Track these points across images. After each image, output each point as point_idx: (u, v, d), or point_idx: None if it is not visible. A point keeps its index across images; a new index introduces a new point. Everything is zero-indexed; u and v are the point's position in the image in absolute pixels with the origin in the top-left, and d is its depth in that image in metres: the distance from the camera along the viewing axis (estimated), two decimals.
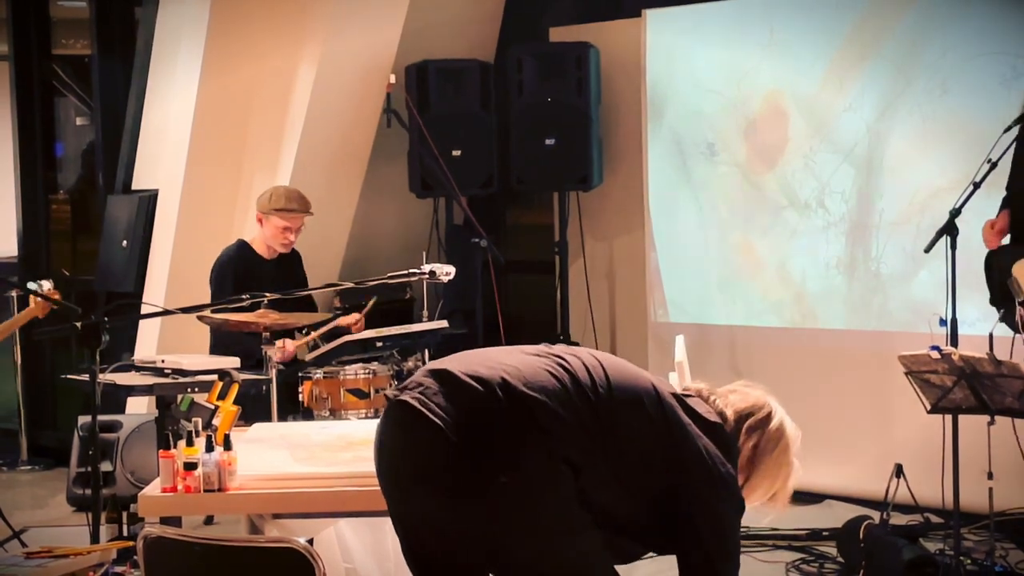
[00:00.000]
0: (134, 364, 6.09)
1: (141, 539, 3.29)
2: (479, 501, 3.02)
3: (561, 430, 3.06)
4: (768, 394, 3.49)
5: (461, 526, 3.06)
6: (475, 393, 3.05)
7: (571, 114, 7.91)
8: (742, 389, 3.44)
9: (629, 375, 3.23)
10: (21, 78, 9.15)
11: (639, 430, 3.15)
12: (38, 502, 7.89)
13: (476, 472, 3.01)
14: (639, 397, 3.18)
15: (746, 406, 3.40)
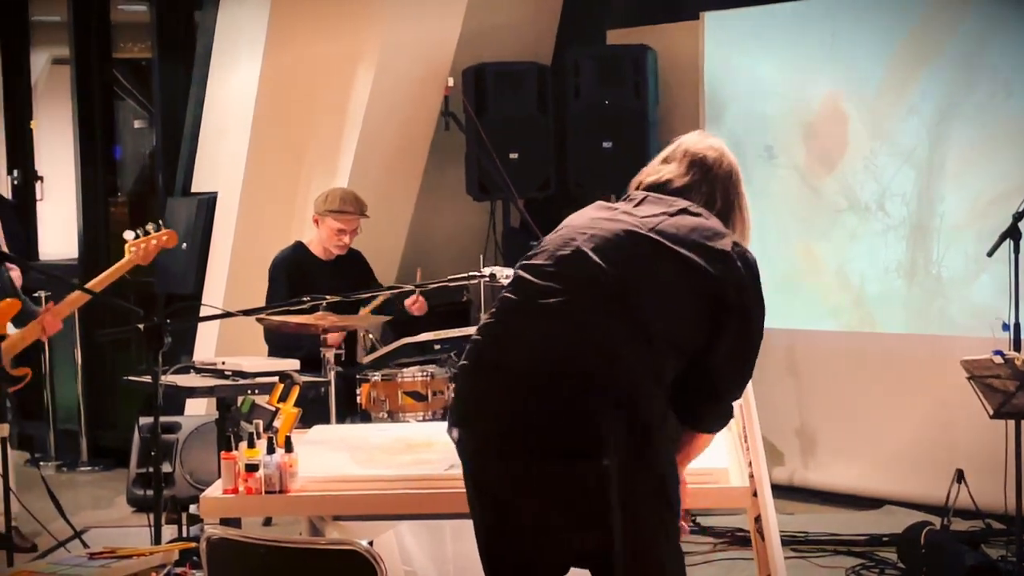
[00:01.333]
0: (194, 366, 6.12)
1: (204, 540, 3.31)
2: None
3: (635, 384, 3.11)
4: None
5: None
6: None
7: (629, 117, 7.89)
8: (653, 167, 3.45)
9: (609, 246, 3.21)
10: (82, 81, 9.22)
11: (654, 278, 3.18)
12: (98, 503, 7.95)
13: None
14: (631, 254, 3.19)
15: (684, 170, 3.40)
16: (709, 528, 6.56)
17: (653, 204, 3.31)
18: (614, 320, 3.13)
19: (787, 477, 7.50)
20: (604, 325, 3.13)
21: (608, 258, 3.18)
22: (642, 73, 7.88)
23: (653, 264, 3.19)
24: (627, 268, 3.18)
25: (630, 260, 3.18)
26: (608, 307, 3.14)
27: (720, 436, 4.15)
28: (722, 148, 3.47)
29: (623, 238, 3.21)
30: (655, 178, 3.39)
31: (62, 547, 5.74)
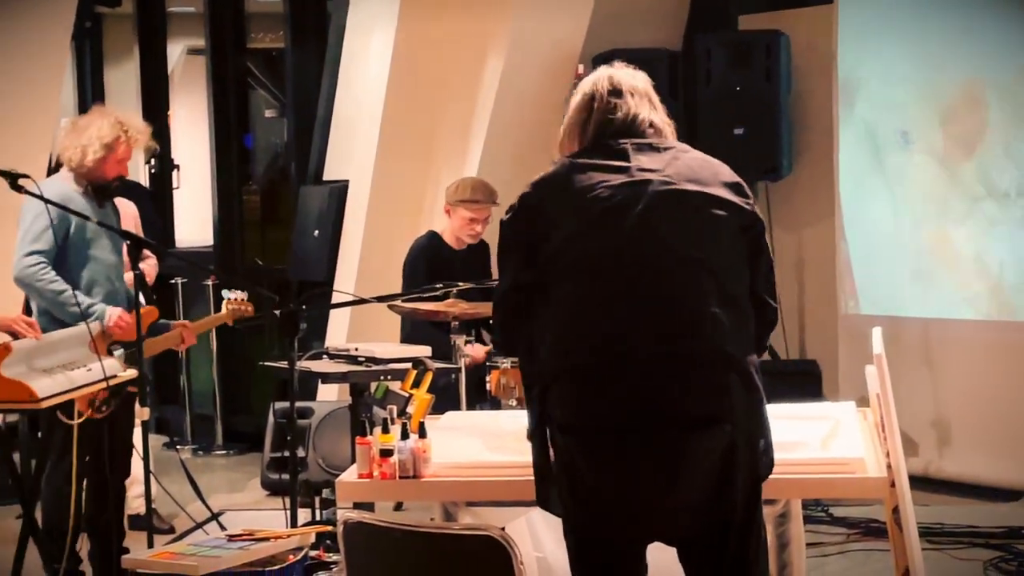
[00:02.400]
0: (328, 352, 6.18)
1: (341, 524, 3.34)
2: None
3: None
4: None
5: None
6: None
7: (760, 103, 7.81)
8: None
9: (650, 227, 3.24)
10: (217, 71, 9.35)
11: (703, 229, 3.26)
12: (233, 485, 8.08)
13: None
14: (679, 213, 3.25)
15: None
16: (842, 519, 6.49)
17: (647, 154, 3.36)
18: (696, 283, 3.20)
19: (922, 468, 7.39)
20: (693, 290, 3.20)
21: (662, 223, 3.24)
22: (774, 58, 7.80)
23: (699, 215, 3.26)
24: (683, 228, 3.24)
25: (683, 220, 3.25)
26: (685, 272, 3.21)
27: (856, 425, 4.11)
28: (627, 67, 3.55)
29: (659, 198, 3.26)
30: (621, 123, 3.41)
31: (200, 529, 5.85)
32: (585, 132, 3.44)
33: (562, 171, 3.37)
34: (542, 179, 3.39)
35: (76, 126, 5.58)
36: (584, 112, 3.45)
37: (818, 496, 5.64)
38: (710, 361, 3.17)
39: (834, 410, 4.39)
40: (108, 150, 5.50)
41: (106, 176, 5.55)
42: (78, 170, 5.52)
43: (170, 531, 6.74)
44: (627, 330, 3.18)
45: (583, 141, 3.44)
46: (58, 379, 4.68)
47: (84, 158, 5.48)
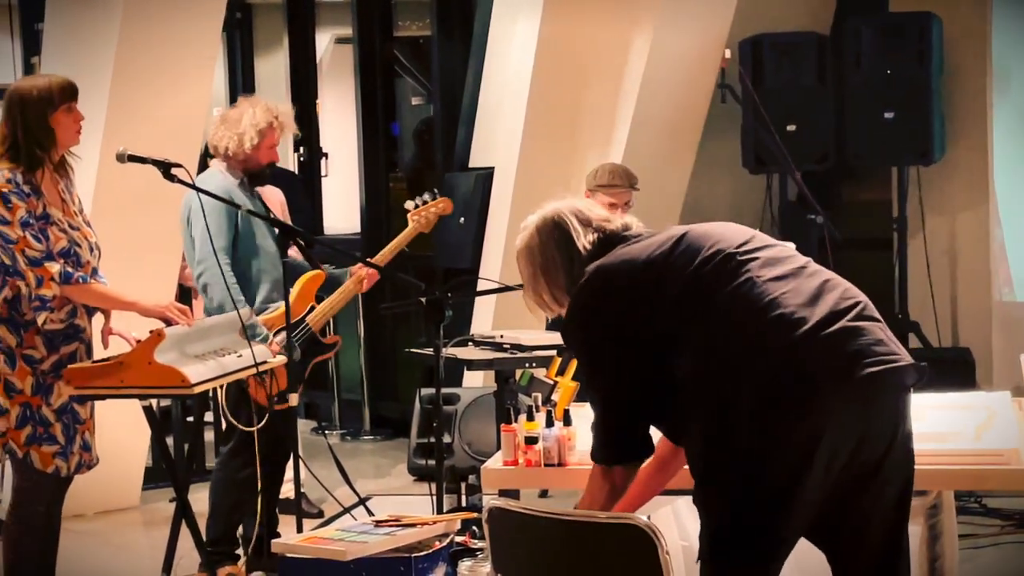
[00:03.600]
0: (473, 339, 6.21)
1: (487, 511, 3.35)
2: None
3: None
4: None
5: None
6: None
7: (912, 86, 7.68)
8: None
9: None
10: (364, 60, 9.44)
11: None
12: (380, 471, 8.16)
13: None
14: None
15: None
16: (996, 510, 6.35)
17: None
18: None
19: None
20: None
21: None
22: (926, 41, 7.66)
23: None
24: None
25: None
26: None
27: (1011, 415, 4.02)
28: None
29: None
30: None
31: (347, 513, 5.91)
32: (576, 252, 3.45)
33: (612, 259, 3.38)
34: (599, 268, 3.37)
35: (227, 117, 5.66)
36: (562, 247, 3.48)
37: (971, 488, 5.52)
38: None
39: (988, 400, 4.31)
40: (262, 136, 5.58)
41: (260, 162, 5.63)
42: (234, 158, 5.60)
43: (318, 515, 6.82)
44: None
45: (583, 252, 3.44)
46: (209, 365, 4.76)
47: (241, 145, 5.56)
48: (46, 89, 4.65)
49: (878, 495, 3.20)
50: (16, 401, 4.60)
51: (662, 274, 3.27)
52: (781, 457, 3.09)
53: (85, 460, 4.73)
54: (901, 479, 3.24)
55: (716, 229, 3.34)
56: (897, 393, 3.19)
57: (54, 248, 4.61)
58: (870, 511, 3.21)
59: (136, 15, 6.67)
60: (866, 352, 3.12)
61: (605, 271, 3.35)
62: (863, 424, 3.13)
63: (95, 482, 5.03)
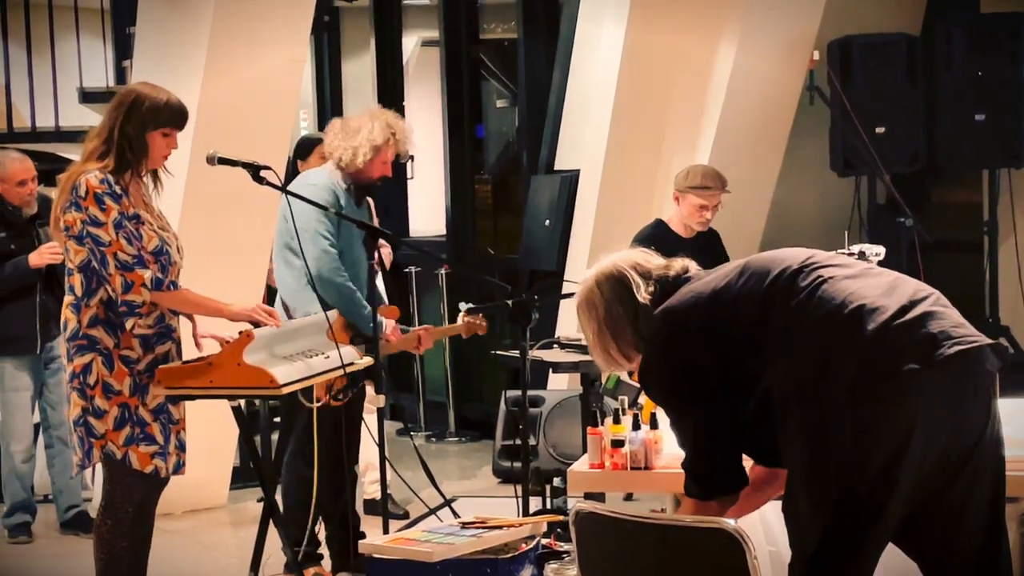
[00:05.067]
0: (559, 341, 6.21)
1: (574, 514, 3.35)
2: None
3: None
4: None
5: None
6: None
7: (1004, 88, 7.57)
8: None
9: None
10: (451, 62, 9.47)
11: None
12: (465, 472, 8.18)
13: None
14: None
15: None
16: None
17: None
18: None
19: None
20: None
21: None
22: (1018, 42, 7.56)
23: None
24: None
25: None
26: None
27: None
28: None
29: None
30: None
31: (433, 514, 5.93)
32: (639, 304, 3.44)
33: (678, 298, 3.39)
34: (668, 310, 3.38)
35: (347, 127, 5.67)
36: (625, 301, 3.46)
37: None
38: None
39: None
40: (376, 152, 5.59)
41: (372, 176, 5.65)
42: (347, 170, 5.63)
43: (404, 516, 6.86)
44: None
45: (646, 303, 3.42)
46: (297, 366, 4.79)
47: (355, 159, 5.59)
48: (158, 104, 4.67)
49: (969, 490, 3.18)
50: (114, 402, 4.62)
51: (734, 301, 3.30)
52: (879, 446, 3.08)
53: (182, 460, 4.77)
54: (992, 474, 3.21)
55: (777, 253, 3.39)
56: (983, 374, 3.19)
57: (147, 247, 4.63)
58: (961, 508, 3.18)
59: (226, 18, 6.74)
60: (949, 333, 3.13)
61: (675, 311, 3.37)
62: (955, 407, 3.12)
63: (184, 482, 5.08)
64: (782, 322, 3.22)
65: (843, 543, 3.15)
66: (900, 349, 3.10)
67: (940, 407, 3.10)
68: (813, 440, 3.16)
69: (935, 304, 3.21)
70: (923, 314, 3.15)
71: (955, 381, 3.12)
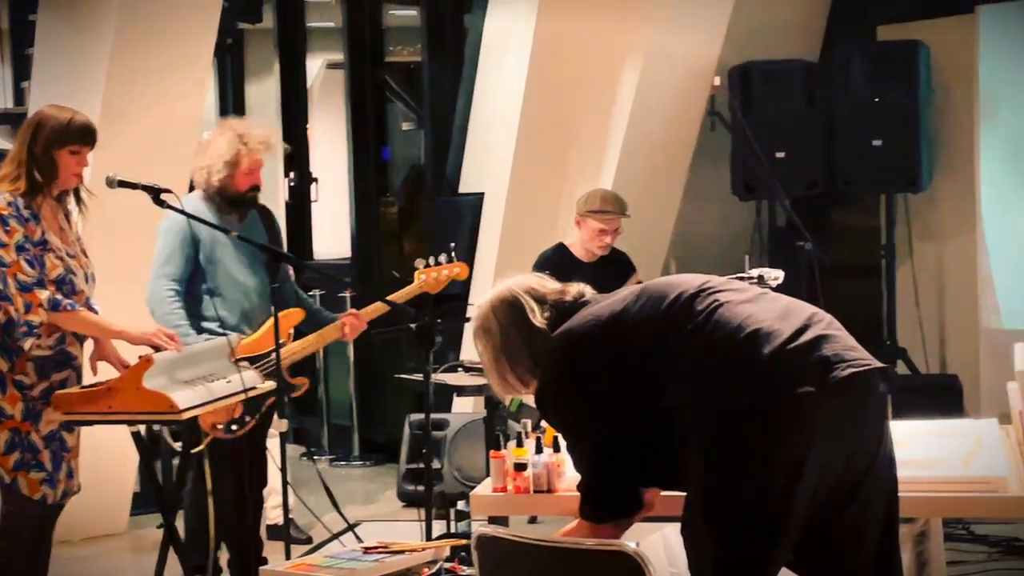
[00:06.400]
0: (463, 364, 6.21)
1: (476, 538, 3.36)
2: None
3: None
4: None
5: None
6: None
7: (900, 114, 7.71)
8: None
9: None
10: (355, 85, 9.46)
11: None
12: (369, 496, 8.15)
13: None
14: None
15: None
16: (983, 537, 6.35)
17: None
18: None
19: None
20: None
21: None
22: (914, 69, 7.70)
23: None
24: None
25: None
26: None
27: (998, 442, 4.04)
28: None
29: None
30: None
31: (336, 539, 5.90)
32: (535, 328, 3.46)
33: (576, 321, 3.42)
34: (566, 332, 3.41)
35: (201, 147, 5.63)
36: (520, 326, 3.48)
37: (958, 515, 5.53)
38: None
39: (976, 427, 4.31)
40: (231, 167, 5.52)
41: (238, 190, 5.57)
42: (208, 191, 5.58)
43: (307, 541, 6.81)
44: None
45: (541, 328, 3.45)
46: (198, 391, 4.75)
47: (210, 178, 5.53)
48: (62, 123, 4.68)
49: (863, 511, 3.23)
50: (5, 426, 4.60)
51: (631, 325, 3.32)
52: (776, 469, 3.12)
53: (70, 488, 4.73)
54: (886, 495, 3.27)
55: (674, 279, 3.43)
56: (876, 397, 3.24)
57: (49, 275, 4.62)
58: (856, 528, 3.23)
59: (126, 40, 6.68)
60: (842, 356, 3.18)
61: (571, 335, 3.39)
62: (849, 429, 3.17)
63: (83, 508, 5.02)
64: (679, 346, 3.25)
65: (741, 566, 3.18)
66: (795, 372, 3.14)
67: (835, 429, 3.15)
68: (710, 464, 3.19)
69: (828, 328, 3.25)
70: (817, 337, 3.20)
71: (849, 403, 3.17)
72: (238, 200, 5.58)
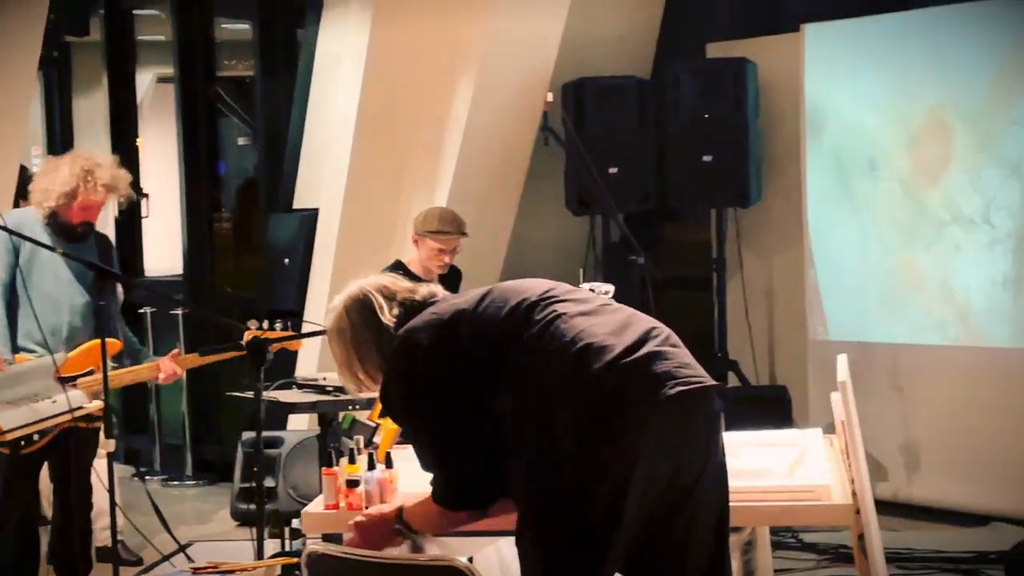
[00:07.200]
0: (296, 381, 6.16)
1: (305, 556, 3.33)
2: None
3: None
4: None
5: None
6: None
7: (729, 130, 7.84)
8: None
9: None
10: (186, 99, 9.34)
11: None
12: (202, 516, 8.04)
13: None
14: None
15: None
16: (812, 545, 6.49)
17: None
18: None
19: (891, 493, 7.41)
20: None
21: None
22: (742, 86, 7.84)
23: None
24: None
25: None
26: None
27: (823, 451, 4.13)
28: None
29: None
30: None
31: (167, 561, 5.81)
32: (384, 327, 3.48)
33: (418, 321, 3.42)
34: (407, 331, 3.42)
35: (47, 167, 5.51)
36: (371, 323, 3.50)
37: (783, 523, 5.64)
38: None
39: (801, 437, 4.40)
40: (68, 198, 5.40)
41: (70, 220, 5.45)
42: (42, 210, 5.46)
43: (138, 563, 6.70)
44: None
45: (391, 326, 3.47)
46: (22, 411, 4.66)
47: (45, 200, 5.42)
48: None
49: (692, 523, 3.27)
50: None
51: (471, 326, 3.34)
52: (601, 484, 3.14)
53: None
54: (715, 507, 3.32)
55: (521, 283, 3.45)
56: (705, 413, 3.28)
57: None
58: (686, 539, 3.27)
59: None
60: (672, 373, 3.21)
61: (414, 332, 3.40)
62: (676, 445, 3.20)
63: None
64: (514, 354, 3.27)
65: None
66: (624, 388, 3.17)
67: (662, 445, 3.18)
68: (538, 477, 3.20)
69: (664, 344, 3.29)
70: (649, 354, 3.23)
71: (676, 420, 3.20)
72: (68, 229, 5.46)
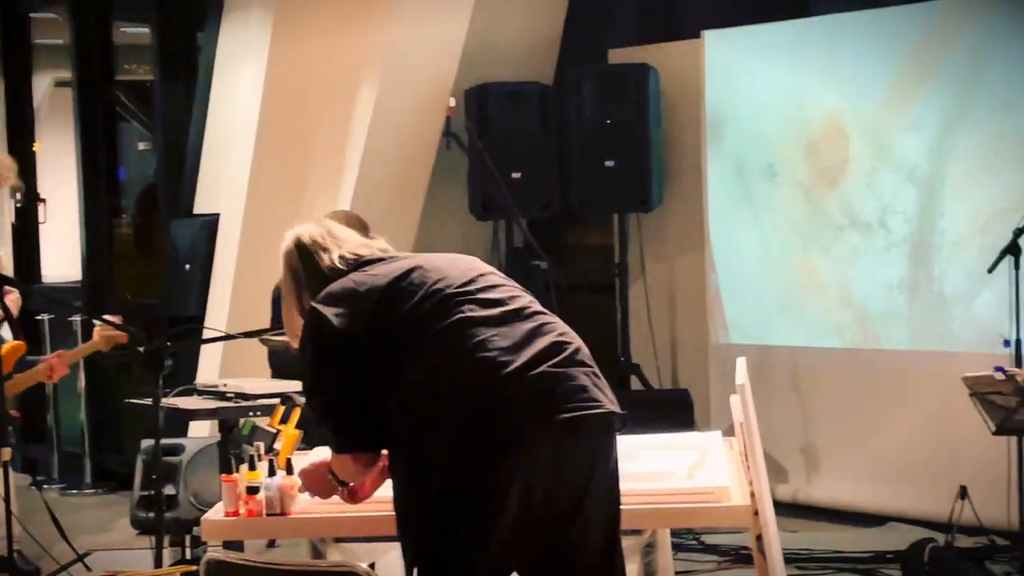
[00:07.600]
0: (196, 388, 6.11)
1: (204, 563, 3.30)
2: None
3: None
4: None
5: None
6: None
7: (631, 136, 7.89)
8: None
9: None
10: (85, 104, 9.24)
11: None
12: (102, 525, 7.94)
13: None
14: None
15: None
16: (713, 546, 6.54)
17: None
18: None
19: (791, 494, 7.49)
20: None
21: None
22: (643, 92, 7.89)
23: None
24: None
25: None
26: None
27: (722, 454, 4.17)
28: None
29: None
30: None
31: (65, 571, 5.74)
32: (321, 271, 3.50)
33: (337, 285, 3.41)
34: (325, 294, 3.41)
35: None
36: (309, 265, 3.53)
37: (683, 525, 5.68)
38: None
39: (702, 439, 4.44)
40: None
41: None
42: None
43: (35, 573, 6.60)
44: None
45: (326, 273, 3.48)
46: None
47: None
48: None
49: (578, 543, 3.26)
50: None
51: (381, 305, 3.30)
52: (477, 496, 3.13)
53: None
54: (603, 526, 3.30)
55: (446, 264, 3.38)
56: (593, 437, 3.24)
57: None
58: (571, 559, 3.27)
59: None
60: (567, 397, 3.19)
61: (329, 294, 3.37)
62: (555, 465, 3.18)
63: None
64: (416, 348, 3.24)
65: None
66: (510, 407, 3.16)
67: (539, 468, 3.16)
68: (411, 481, 3.21)
69: (568, 361, 3.24)
70: (544, 374, 3.19)
71: (557, 445, 3.18)
72: None
